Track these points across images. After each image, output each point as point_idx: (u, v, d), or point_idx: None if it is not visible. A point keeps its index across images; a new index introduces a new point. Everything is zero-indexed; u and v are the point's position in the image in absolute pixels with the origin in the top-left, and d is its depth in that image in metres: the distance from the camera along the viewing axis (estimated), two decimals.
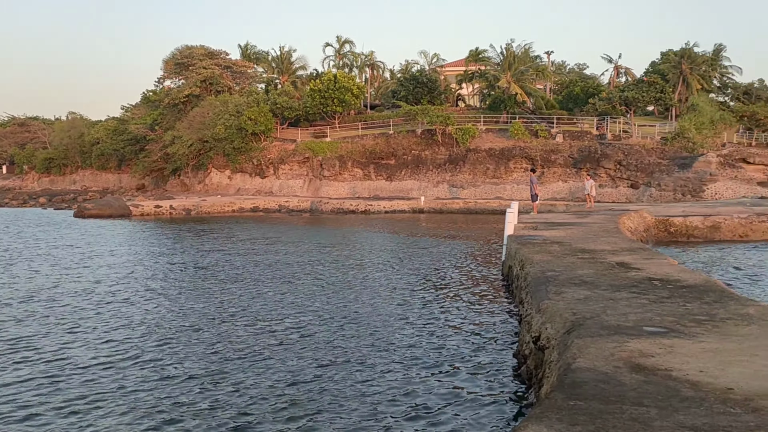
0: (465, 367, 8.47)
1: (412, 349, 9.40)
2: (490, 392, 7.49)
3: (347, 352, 9.36)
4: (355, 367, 8.58)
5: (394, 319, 11.39)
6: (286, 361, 8.90)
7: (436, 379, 8.02)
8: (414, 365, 8.63)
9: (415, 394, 7.51)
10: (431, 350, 9.36)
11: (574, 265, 10.91)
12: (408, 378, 8.09)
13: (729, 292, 8.17)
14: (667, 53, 62.87)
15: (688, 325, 6.32)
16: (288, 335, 10.38)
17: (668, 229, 24.76)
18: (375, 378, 8.11)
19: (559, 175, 47.19)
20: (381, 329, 10.65)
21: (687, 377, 4.66)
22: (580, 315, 6.90)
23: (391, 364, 8.71)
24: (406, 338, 10.05)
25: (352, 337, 10.21)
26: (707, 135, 47.51)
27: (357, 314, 11.88)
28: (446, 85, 65.45)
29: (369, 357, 9.06)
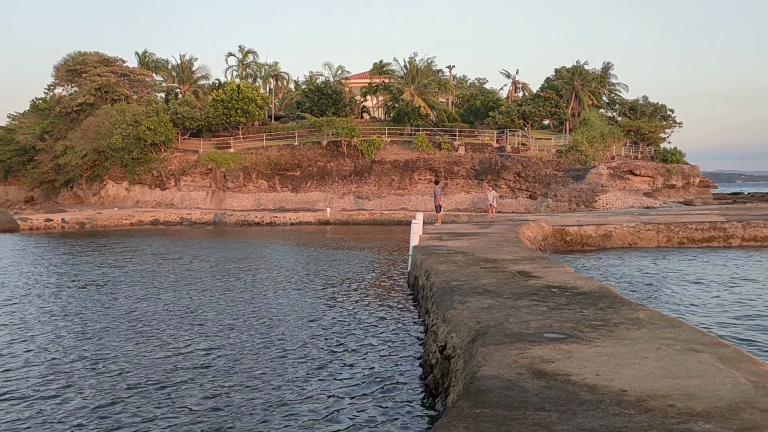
0: (371, 379, 8.49)
1: (318, 362, 9.33)
2: (397, 403, 7.53)
3: (254, 369, 9.18)
4: (258, 385, 8.41)
5: (301, 334, 11.27)
6: (193, 387, 8.62)
7: (342, 392, 7.98)
8: (320, 378, 8.56)
9: (320, 408, 7.44)
10: (338, 363, 9.32)
11: (478, 275, 11.19)
12: (313, 391, 8.02)
13: (621, 298, 8.61)
14: (560, 70, 65.95)
15: (584, 331, 6.60)
16: (195, 358, 10.06)
17: (565, 238, 25.87)
18: (275, 394, 7.98)
19: (462, 187, 48.39)
20: (288, 344, 10.51)
21: (585, 381, 4.86)
22: (484, 323, 7.07)
23: (296, 378, 8.60)
24: (312, 352, 9.96)
25: (257, 352, 10.01)
26: (598, 148, 50.13)
27: (263, 330, 11.68)
28: (351, 97, 65.87)
29: (273, 373, 8.91)
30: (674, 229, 25.92)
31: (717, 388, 4.57)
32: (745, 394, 4.42)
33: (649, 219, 28.31)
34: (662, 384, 4.72)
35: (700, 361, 5.32)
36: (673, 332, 6.41)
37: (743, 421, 3.94)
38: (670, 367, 5.17)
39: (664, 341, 6.04)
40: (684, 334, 6.32)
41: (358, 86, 67.01)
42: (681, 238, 25.60)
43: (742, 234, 25.62)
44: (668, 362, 5.31)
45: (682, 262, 20.94)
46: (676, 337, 6.20)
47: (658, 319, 7.12)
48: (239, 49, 71.01)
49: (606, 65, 67.70)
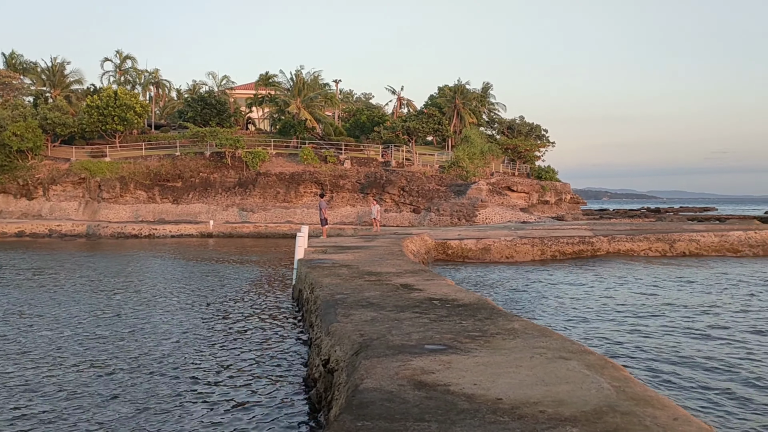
0: (254, 396, 8.32)
1: (197, 380, 9.04)
2: (279, 419, 7.43)
3: (129, 388, 8.74)
4: (133, 405, 8.04)
5: (179, 352, 10.88)
6: (51, 412, 8.09)
7: (224, 410, 7.77)
8: (198, 397, 8.30)
9: (198, 428, 7.21)
10: (219, 380, 9.07)
11: (362, 288, 11.27)
12: (191, 411, 7.75)
13: (498, 309, 8.95)
14: (443, 88, 68.07)
15: (464, 342, 6.80)
16: (54, 382, 9.45)
17: (446, 252, 26.61)
18: (149, 414, 7.66)
19: (348, 200, 48.68)
20: (166, 364, 10.11)
21: (463, 391, 5.00)
22: (367, 336, 7.12)
23: (171, 398, 8.29)
24: (191, 370, 9.63)
25: (134, 372, 9.56)
26: (479, 165, 52.06)
27: (137, 349, 11.17)
28: (236, 108, 64.76)
29: (146, 393, 8.54)
30: (548, 243, 27.33)
31: (583, 394, 4.84)
32: (608, 399, 4.71)
33: (525, 233, 29.68)
34: (534, 391, 4.95)
35: (568, 368, 5.62)
36: (545, 341, 6.74)
37: (606, 424, 4.20)
38: (541, 374, 5.43)
39: (536, 350, 6.34)
40: (555, 343, 6.67)
41: (244, 97, 66.02)
42: (554, 252, 27.03)
43: (608, 248, 27.41)
44: (540, 370, 5.57)
45: (554, 275, 22.09)
46: (547, 346, 6.52)
47: (532, 329, 7.46)
48: (116, 53, 68.07)
49: (486, 85, 70.65)
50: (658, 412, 4.43)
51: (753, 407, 8.27)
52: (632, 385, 5.13)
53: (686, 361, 10.55)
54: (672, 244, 28.04)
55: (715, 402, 8.49)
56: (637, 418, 4.28)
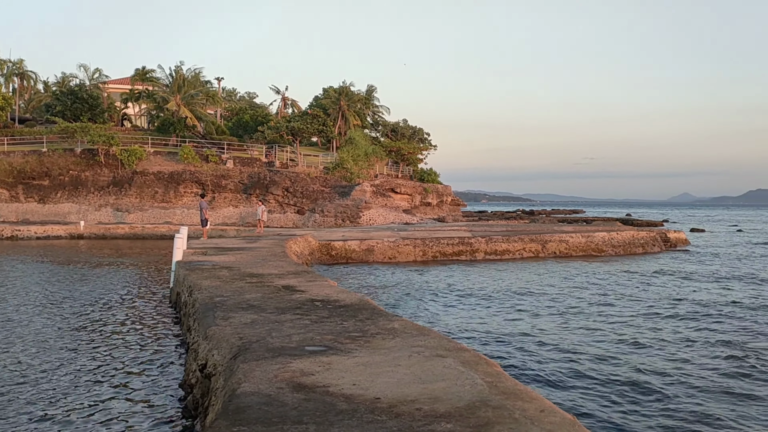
0: (126, 404, 7.95)
1: (67, 390, 8.52)
2: (154, 427, 7.14)
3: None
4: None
5: (48, 362, 10.20)
6: None
7: (93, 422, 7.37)
8: (70, 407, 7.82)
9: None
10: (90, 390, 8.58)
11: (243, 290, 11.06)
12: (62, 422, 7.29)
13: (379, 310, 9.06)
14: (328, 89, 68.11)
15: (344, 342, 6.83)
16: None
17: (330, 253, 26.63)
18: (12, 427, 7.14)
19: (230, 201, 47.59)
20: (31, 374, 9.45)
21: (342, 391, 5.02)
22: (246, 339, 6.99)
23: (36, 409, 7.76)
24: (62, 380, 9.06)
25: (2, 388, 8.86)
26: (363, 166, 52.50)
27: (4, 360, 10.37)
28: (110, 103, 61.64)
29: (6, 407, 7.95)
30: (429, 244, 28.00)
31: (458, 390, 4.99)
32: (481, 394, 4.89)
33: (407, 234, 30.26)
34: (412, 389, 5.04)
35: (445, 365, 5.77)
36: (423, 340, 6.89)
37: (479, 418, 4.35)
38: (419, 372, 5.55)
39: (415, 349, 6.47)
40: (432, 341, 6.83)
41: (119, 92, 62.97)
42: (435, 253, 27.73)
43: (485, 248, 28.48)
44: (418, 368, 5.69)
45: (435, 275, 22.67)
46: (425, 344, 6.67)
47: (411, 328, 7.61)
48: None
49: (370, 88, 71.38)
50: (527, 404, 4.65)
51: (616, 394, 8.87)
52: (504, 380, 5.35)
53: (557, 354, 11.15)
54: (544, 244, 29.54)
55: (583, 390, 9.02)
56: (508, 412, 4.47)
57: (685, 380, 9.68)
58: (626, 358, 10.97)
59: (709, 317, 15.13)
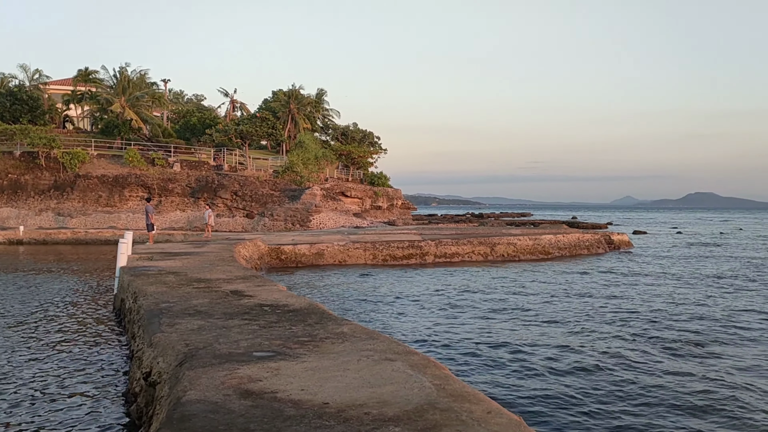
0: (67, 415, 7.71)
1: (2, 405, 8.21)
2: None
3: None
4: None
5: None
6: None
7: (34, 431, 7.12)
8: (10, 425, 7.53)
9: None
10: (30, 404, 8.29)
11: (190, 296, 10.87)
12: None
13: (328, 314, 9.02)
14: (278, 92, 67.66)
15: (293, 347, 6.78)
16: None
17: (280, 257, 26.42)
18: None
19: (177, 205, 46.74)
20: None
21: (290, 397, 4.98)
22: (193, 346, 6.87)
23: None
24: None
25: None
26: (313, 170, 52.31)
27: None
28: (51, 105, 59.79)
29: None
30: (379, 247, 28.05)
31: (407, 393, 5.01)
32: (429, 397, 4.91)
33: (357, 238, 30.25)
34: (360, 393, 5.04)
35: (393, 369, 5.79)
36: (372, 344, 6.89)
37: (427, 421, 4.37)
38: (368, 376, 5.54)
39: (364, 353, 6.46)
40: (381, 345, 6.84)
41: (60, 93, 61.14)
42: (385, 256, 27.79)
43: (435, 251, 28.69)
44: (367, 372, 5.69)
45: (385, 278, 22.72)
46: (374, 348, 6.68)
47: (360, 332, 7.60)
48: None
49: (320, 91, 71.18)
50: (474, 406, 4.69)
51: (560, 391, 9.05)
52: (452, 382, 5.39)
53: (505, 355, 11.30)
54: (493, 247, 29.94)
55: (531, 391, 9.17)
56: (455, 414, 4.51)
57: (627, 376, 9.94)
58: (573, 358, 11.20)
59: (645, 316, 15.58)
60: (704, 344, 12.59)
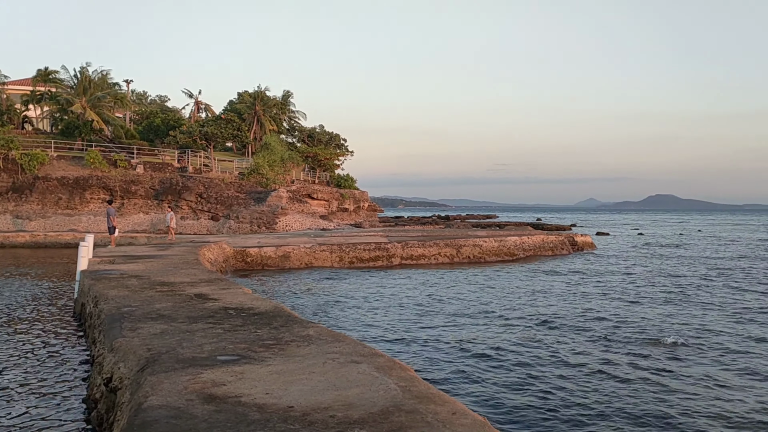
0: (26, 424, 7.51)
1: None
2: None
3: None
4: None
5: None
6: None
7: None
8: None
9: None
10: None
11: (153, 299, 10.69)
12: None
13: (294, 317, 8.96)
14: (243, 94, 67.08)
15: (258, 351, 6.71)
16: None
17: (245, 260, 26.18)
18: None
19: (141, 207, 46.02)
20: None
21: (255, 401, 4.92)
22: (155, 350, 6.76)
23: None
24: None
25: None
26: (279, 172, 51.97)
27: None
28: (9, 105, 58.37)
29: None
30: (346, 249, 28.00)
31: (372, 395, 5.00)
32: (394, 399, 4.91)
33: (324, 240, 30.14)
34: (326, 396, 5.01)
35: (359, 371, 5.77)
36: (338, 346, 6.86)
37: (392, 423, 4.36)
38: (333, 379, 5.52)
39: (330, 355, 6.43)
40: (347, 347, 6.82)
41: (18, 93, 59.74)
42: (351, 258, 27.74)
43: (402, 253, 28.74)
44: (332, 375, 5.66)
45: (352, 280, 22.68)
46: (340, 350, 6.65)
47: (326, 334, 7.57)
48: None
49: (286, 93, 70.78)
50: (439, 408, 4.70)
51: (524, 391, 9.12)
52: (417, 384, 5.39)
53: (471, 357, 11.37)
54: (459, 249, 30.10)
55: (496, 392, 9.23)
56: (420, 415, 4.51)
57: (589, 373, 10.08)
58: (538, 360, 11.31)
59: (606, 316, 15.83)
60: (666, 343, 12.83)
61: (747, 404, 8.96)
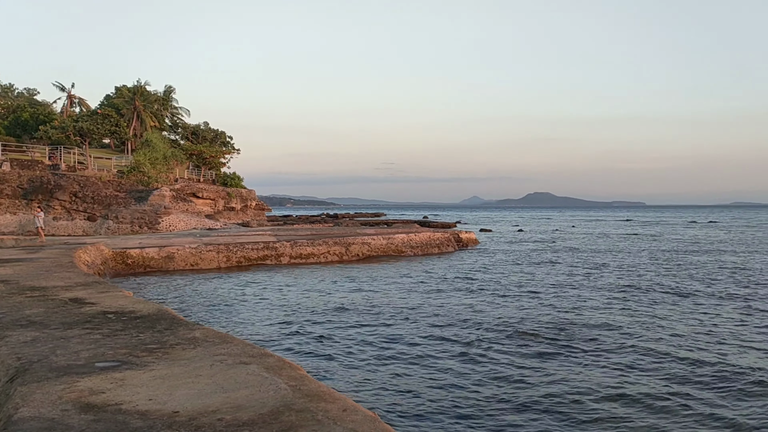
0: None
1: None
2: None
3: None
4: None
5: None
6: None
7: None
8: None
9: None
10: None
11: (22, 305, 9.99)
12: None
13: (179, 319, 8.67)
14: (121, 88, 64.08)
15: (140, 355, 6.43)
16: None
17: (126, 261, 25.04)
18: None
19: (7, 207, 42.89)
20: None
21: (137, 408, 4.71)
22: (26, 359, 6.32)
23: None
24: None
25: None
26: (161, 170, 50.09)
27: None
28: None
29: None
30: (233, 249, 27.40)
31: (261, 396, 4.92)
32: (284, 399, 4.85)
33: (210, 240, 29.35)
34: (213, 399, 4.87)
35: (248, 372, 5.66)
36: (226, 348, 6.70)
37: (282, 423, 4.31)
38: (221, 381, 5.38)
39: (217, 357, 6.27)
40: (236, 348, 6.67)
41: None
42: (239, 258, 27.19)
43: (291, 252, 28.50)
44: (220, 377, 5.52)
45: (240, 280, 22.23)
46: (228, 352, 6.50)
47: (213, 336, 7.37)
48: None
49: (168, 88, 68.33)
50: (330, 405, 4.70)
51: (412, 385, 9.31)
52: (307, 382, 5.36)
53: (362, 352, 11.45)
54: (348, 247, 30.24)
55: (384, 387, 9.35)
56: (311, 414, 4.48)
57: (481, 368, 10.43)
58: (425, 354, 11.56)
59: (492, 308, 16.47)
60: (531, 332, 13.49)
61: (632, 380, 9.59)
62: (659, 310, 16.69)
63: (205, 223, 46.85)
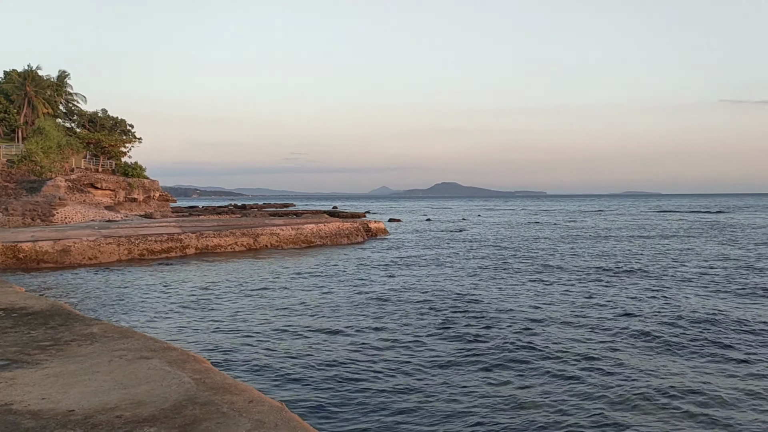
0: None
1: None
2: None
3: None
4: None
5: None
6: None
7: None
8: None
9: None
10: None
11: None
12: None
13: (75, 314, 8.29)
14: (10, 73, 60.17)
15: (32, 353, 6.12)
16: None
17: (17, 256, 23.67)
18: None
19: None
20: None
21: (28, 408, 4.48)
22: None
23: None
24: None
25: None
26: (55, 159, 47.53)
27: None
28: None
29: None
30: (135, 241, 26.41)
31: (164, 391, 4.78)
32: (188, 392, 4.74)
33: (110, 232, 28.17)
34: (112, 396, 4.70)
35: (150, 367, 5.49)
36: (126, 343, 6.47)
37: (186, 417, 4.21)
38: (120, 378, 5.19)
39: (116, 353, 6.05)
40: (137, 343, 6.45)
41: None
42: (141, 250, 26.25)
43: (197, 244, 27.78)
44: (119, 373, 5.33)
45: (142, 274, 21.47)
46: (128, 347, 6.28)
47: (112, 331, 7.10)
48: None
49: (62, 73, 64.68)
50: (235, 397, 4.63)
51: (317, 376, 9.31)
52: (213, 375, 5.26)
53: (266, 344, 11.33)
54: (256, 238, 29.79)
55: (291, 376, 9.30)
56: (216, 407, 4.41)
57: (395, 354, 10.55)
58: (329, 344, 11.58)
59: (398, 296, 16.69)
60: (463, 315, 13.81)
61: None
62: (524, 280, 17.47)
63: (104, 214, 44.91)
